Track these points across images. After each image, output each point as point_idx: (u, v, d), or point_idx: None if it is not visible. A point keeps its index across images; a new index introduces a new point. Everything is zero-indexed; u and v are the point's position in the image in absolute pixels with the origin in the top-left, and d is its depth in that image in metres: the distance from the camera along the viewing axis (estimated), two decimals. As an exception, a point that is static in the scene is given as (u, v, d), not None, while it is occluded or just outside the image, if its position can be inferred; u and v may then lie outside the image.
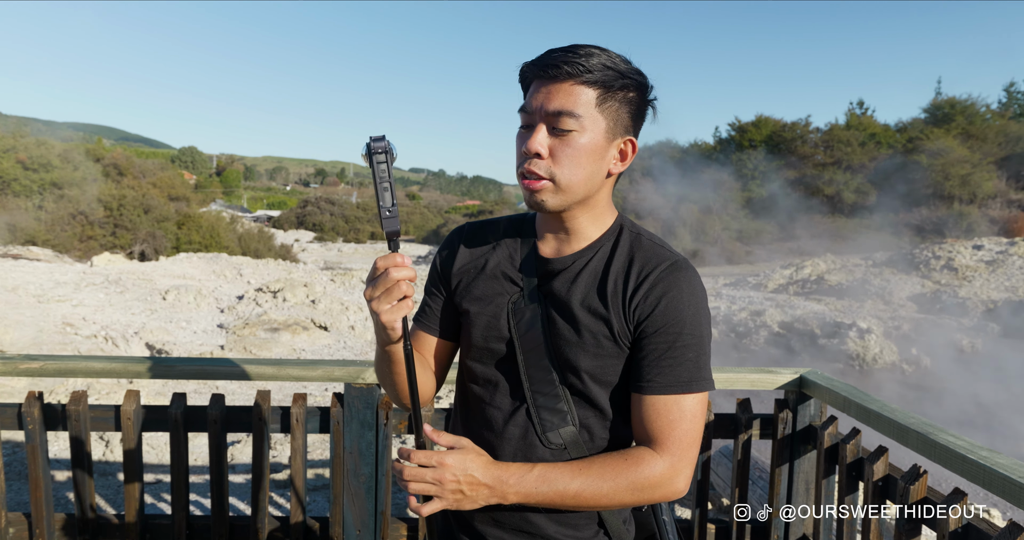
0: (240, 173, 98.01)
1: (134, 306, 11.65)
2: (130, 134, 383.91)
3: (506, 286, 1.30)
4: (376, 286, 1.09)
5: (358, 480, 2.36)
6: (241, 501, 3.91)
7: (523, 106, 1.20)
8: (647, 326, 1.19)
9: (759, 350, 12.31)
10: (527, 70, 1.20)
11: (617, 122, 1.19)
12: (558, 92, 1.15)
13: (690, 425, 1.18)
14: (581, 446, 1.24)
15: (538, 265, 1.29)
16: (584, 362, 1.22)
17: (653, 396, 1.18)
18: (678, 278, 1.20)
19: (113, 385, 6.47)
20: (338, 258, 30.06)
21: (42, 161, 23.76)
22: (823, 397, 2.34)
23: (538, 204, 1.20)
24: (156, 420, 2.40)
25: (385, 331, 1.16)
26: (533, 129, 1.18)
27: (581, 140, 1.16)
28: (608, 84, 1.15)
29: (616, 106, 1.18)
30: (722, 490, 4.13)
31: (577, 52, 1.14)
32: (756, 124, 42.42)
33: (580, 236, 1.27)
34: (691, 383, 1.18)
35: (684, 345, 1.18)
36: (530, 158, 1.17)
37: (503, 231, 1.36)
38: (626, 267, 1.23)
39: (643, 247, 1.25)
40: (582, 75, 1.13)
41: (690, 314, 1.19)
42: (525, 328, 1.26)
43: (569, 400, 1.25)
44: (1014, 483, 1.50)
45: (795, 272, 20.17)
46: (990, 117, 36.94)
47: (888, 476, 2.02)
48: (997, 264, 18.03)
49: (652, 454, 1.18)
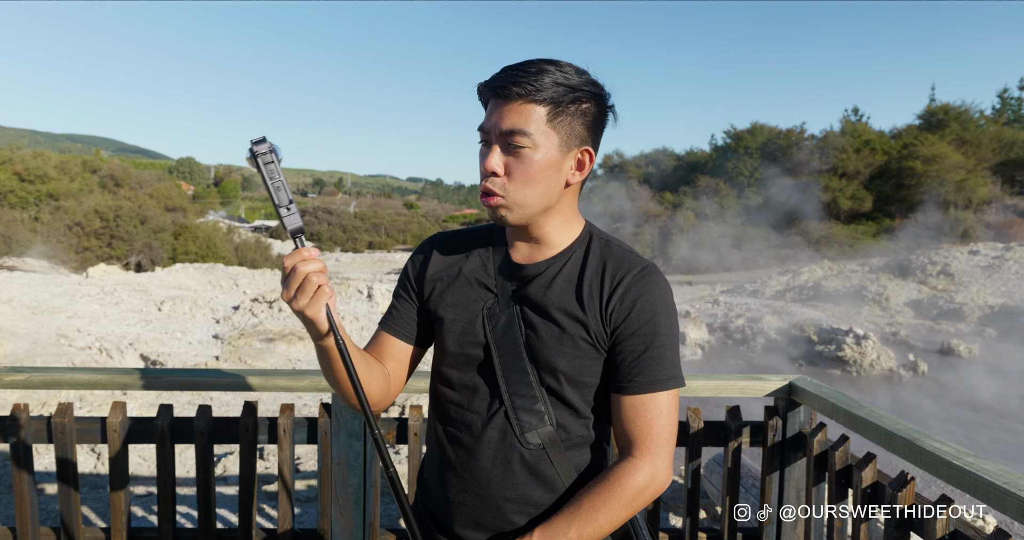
0: (238, 184, 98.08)
1: (129, 317, 11.62)
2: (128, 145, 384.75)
3: (480, 292, 1.34)
4: (289, 285, 1.10)
5: (346, 491, 2.35)
6: (231, 513, 3.89)
7: (480, 126, 1.25)
8: (624, 329, 1.25)
9: (756, 357, 12.31)
10: (482, 90, 1.24)
11: (571, 135, 1.23)
12: (509, 112, 1.19)
13: (667, 421, 1.25)
14: (558, 445, 1.29)
15: (512, 271, 1.33)
16: (562, 363, 1.26)
17: (634, 396, 1.25)
18: (650, 282, 1.27)
19: (106, 397, 6.45)
20: (336, 267, 30.08)
21: (39, 173, 23.81)
22: (812, 404, 2.34)
23: (500, 219, 1.25)
24: (143, 432, 2.38)
25: (313, 326, 1.15)
26: (490, 148, 1.23)
27: (534, 157, 1.21)
28: (557, 100, 1.19)
29: (568, 120, 1.22)
30: (715, 498, 4.12)
31: (527, 70, 1.18)
32: (751, 131, 42.64)
33: (550, 243, 1.32)
34: (667, 381, 1.26)
35: (660, 345, 1.26)
36: (487, 176, 1.22)
37: (475, 240, 1.40)
38: (600, 272, 1.29)
39: (614, 253, 1.31)
40: (531, 94, 1.18)
41: (664, 316, 1.27)
42: (501, 332, 1.30)
43: (546, 400, 1.29)
44: (998, 489, 1.49)
45: (792, 279, 20.19)
46: (984, 123, 37.11)
47: (877, 483, 2.01)
48: (993, 269, 18.06)
49: (631, 461, 1.23)
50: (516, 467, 1.28)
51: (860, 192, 34.93)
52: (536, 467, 1.28)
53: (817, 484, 2.29)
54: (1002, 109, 39.81)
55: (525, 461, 1.28)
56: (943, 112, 37.38)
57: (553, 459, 1.28)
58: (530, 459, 1.28)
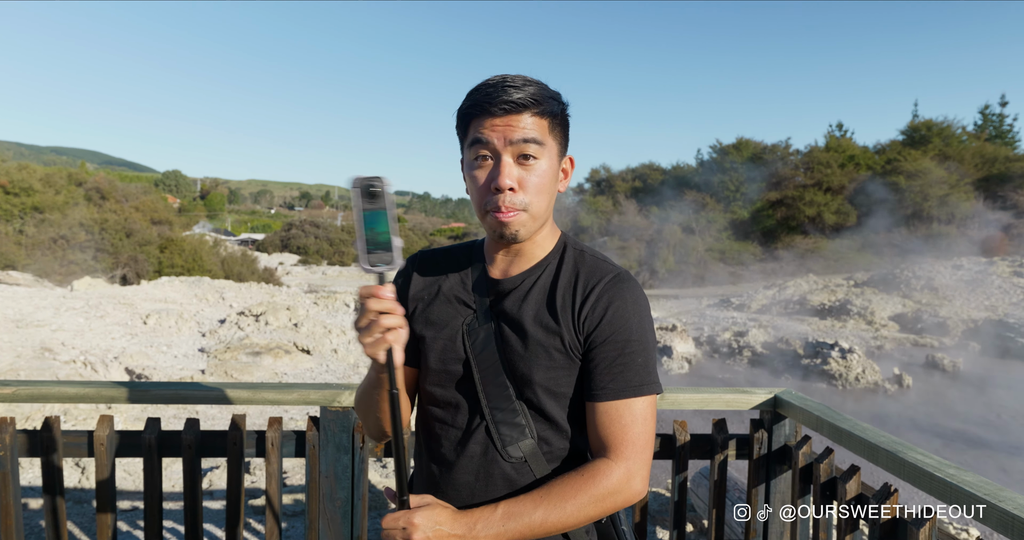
0: (224, 196, 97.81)
1: (114, 330, 11.53)
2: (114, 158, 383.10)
3: (460, 309, 1.34)
4: (359, 320, 1.10)
5: (334, 505, 2.34)
6: (218, 528, 3.86)
7: (476, 139, 1.22)
8: (596, 336, 1.26)
9: (743, 371, 12.35)
10: (472, 109, 1.23)
11: (561, 144, 1.29)
12: (517, 123, 1.20)
13: (642, 428, 1.24)
14: (540, 458, 1.28)
15: (489, 286, 1.34)
16: (537, 375, 1.26)
17: (606, 402, 1.24)
18: (622, 289, 1.28)
19: (92, 411, 6.39)
20: (323, 281, 29.96)
21: (24, 185, 23.60)
22: (797, 417, 2.36)
23: (514, 235, 1.25)
24: (130, 445, 2.37)
25: (375, 363, 1.17)
26: (494, 164, 1.22)
27: (543, 167, 1.23)
28: (553, 111, 1.23)
29: (559, 130, 1.27)
30: (702, 511, 4.13)
31: (516, 85, 1.20)
32: (737, 146, 42.92)
33: (527, 256, 1.33)
34: (641, 387, 1.25)
35: (632, 351, 1.25)
36: (502, 193, 1.21)
37: (454, 257, 1.41)
38: (573, 282, 1.30)
39: (587, 262, 1.32)
40: (534, 106, 1.20)
41: (636, 322, 1.26)
42: (480, 348, 1.30)
43: (526, 413, 1.29)
44: (979, 500, 1.52)
45: (778, 293, 20.31)
46: (966, 139, 37.58)
47: (861, 494, 2.03)
48: (976, 283, 18.25)
49: (607, 463, 1.22)
50: (499, 481, 1.28)
51: (845, 207, 35.21)
52: (519, 480, 1.28)
53: (802, 496, 2.31)
54: (984, 125, 40.31)
55: (507, 475, 1.28)
56: (926, 128, 37.83)
57: (536, 472, 1.28)
58: (512, 473, 1.28)
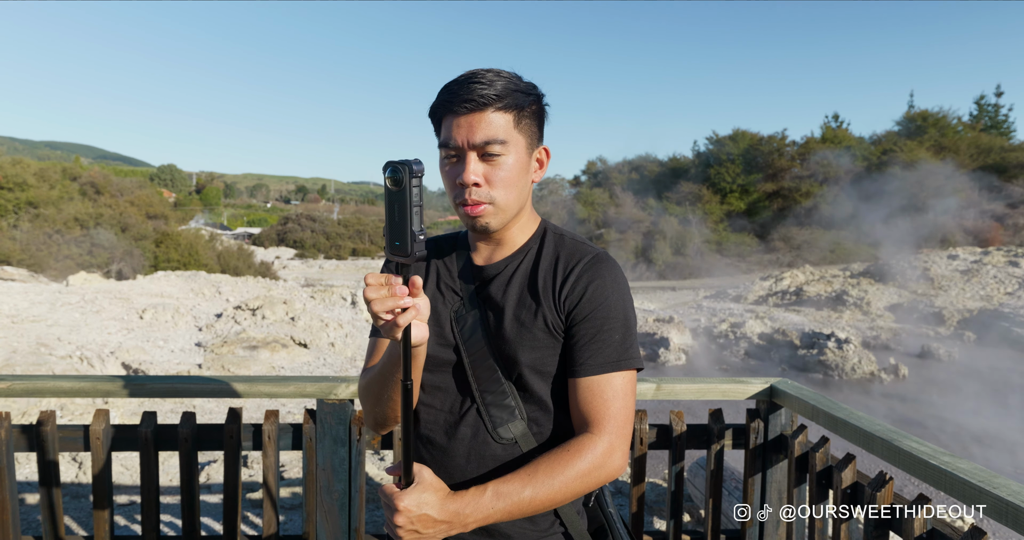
0: (220, 191, 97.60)
1: (110, 325, 11.50)
2: (109, 152, 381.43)
3: (449, 297, 1.39)
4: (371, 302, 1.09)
5: (331, 497, 2.35)
6: (216, 521, 3.86)
7: (444, 142, 1.27)
8: (576, 314, 1.29)
9: (740, 362, 12.39)
10: (440, 108, 1.27)
11: (532, 136, 1.31)
12: (479, 122, 1.23)
13: (622, 403, 1.27)
14: (530, 438, 1.31)
15: (474, 273, 1.39)
16: (524, 356, 1.29)
17: (587, 378, 1.27)
18: (600, 269, 1.31)
19: (87, 406, 6.38)
20: (319, 275, 29.97)
21: (18, 180, 23.52)
22: (793, 406, 2.37)
23: (484, 226, 1.30)
24: (126, 439, 2.37)
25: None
26: (461, 161, 1.26)
27: (509, 161, 1.27)
28: (519, 105, 1.26)
29: (528, 122, 1.30)
30: (699, 501, 4.15)
31: (481, 82, 1.23)
32: (733, 138, 42.90)
33: (509, 243, 1.38)
34: (619, 362, 1.28)
35: (611, 328, 1.29)
36: (468, 188, 1.25)
37: (440, 247, 1.46)
38: (553, 263, 1.34)
39: (566, 245, 1.37)
40: (496, 102, 1.23)
41: (615, 299, 1.30)
42: (469, 333, 1.34)
43: (516, 395, 1.32)
44: (973, 487, 1.53)
45: (774, 284, 20.36)
46: (962, 129, 37.63)
47: (856, 483, 2.04)
48: (972, 273, 18.31)
49: (590, 437, 1.25)
50: (490, 462, 1.30)
51: (841, 197, 35.23)
52: (510, 462, 1.30)
53: (798, 485, 2.32)
54: (979, 115, 40.38)
55: (498, 456, 1.30)
56: (922, 118, 37.90)
57: (526, 453, 1.30)
58: (503, 454, 1.30)
